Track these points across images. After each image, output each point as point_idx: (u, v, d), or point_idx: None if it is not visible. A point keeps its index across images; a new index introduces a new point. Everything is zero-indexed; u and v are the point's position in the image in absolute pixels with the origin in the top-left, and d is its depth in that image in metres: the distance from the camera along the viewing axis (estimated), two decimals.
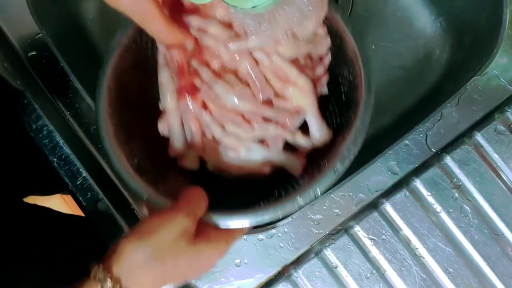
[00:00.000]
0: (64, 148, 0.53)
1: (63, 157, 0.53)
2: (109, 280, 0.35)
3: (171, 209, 0.39)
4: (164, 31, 0.39)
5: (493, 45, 0.53)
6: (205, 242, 0.39)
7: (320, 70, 0.46)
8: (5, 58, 0.54)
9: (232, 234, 0.42)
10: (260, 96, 0.43)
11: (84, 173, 0.53)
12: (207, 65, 0.44)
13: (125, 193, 0.53)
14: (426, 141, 0.52)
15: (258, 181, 0.46)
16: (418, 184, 0.51)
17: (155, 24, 0.39)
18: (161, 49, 0.45)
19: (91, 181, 0.53)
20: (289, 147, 0.46)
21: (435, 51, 0.65)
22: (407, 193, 0.51)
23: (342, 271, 0.50)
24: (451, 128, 0.52)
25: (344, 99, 0.47)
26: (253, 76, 0.43)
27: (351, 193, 0.51)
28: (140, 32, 0.44)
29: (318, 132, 0.45)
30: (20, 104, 0.54)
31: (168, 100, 0.44)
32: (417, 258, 0.51)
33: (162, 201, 0.42)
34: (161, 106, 0.45)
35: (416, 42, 0.65)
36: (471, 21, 0.61)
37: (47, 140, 0.53)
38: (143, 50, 0.47)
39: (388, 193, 0.52)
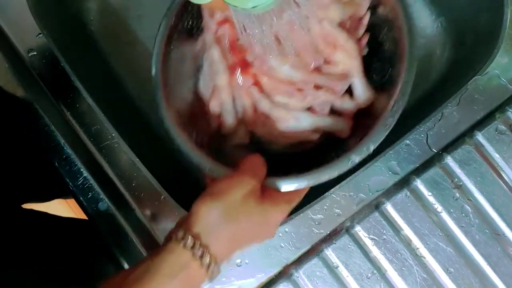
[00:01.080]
0: (65, 148, 0.53)
1: (64, 157, 0.53)
2: (190, 237, 0.37)
3: (237, 172, 0.41)
4: None
5: (494, 44, 0.53)
6: (270, 202, 0.41)
7: (361, 31, 0.46)
8: (6, 58, 0.54)
9: (293, 195, 0.43)
10: (312, 64, 0.44)
11: (85, 173, 0.53)
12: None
13: (126, 193, 0.53)
14: (427, 141, 0.52)
15: (308, 152, 0.47)
16: (419, 184, 0.51)
17: None
18: (212, 26, 0.45)
19: (92, 181, 0.53)
20: (332, 111, 0.47)
21: (436, 51, 0.65)
22: (408, 193, 0.51)
23: (343, 271, 0.50)
24: (452, 128, 0.52)
25: (385, 56, 0.48)
26: (304, 45, 0.43)
27: (352, 193, 0.51)
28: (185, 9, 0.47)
29: (364, 92, 0.46)
30: (21, 104, 0.54)
31: (221, 77, 0.45)
32: (418, 258, 0.51)
33: (222, 171, 0.44)
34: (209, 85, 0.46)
35: (416, 42, 0.65)
36: (471, 21, 0.61)
37: (48, 140, 0.53)
38: (185, 31, 0.49)
39: (389, 193, 0.51)
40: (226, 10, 0.43)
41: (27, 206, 0.69)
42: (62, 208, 1.10)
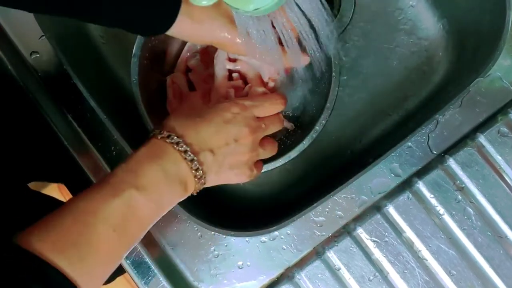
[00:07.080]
0: (68, 148, 0.53)
1: (66, 157, 0.53)
2: (165, 131, 0.42)
3: None
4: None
5: (496, 47, 0.53)
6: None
7: None
8: (8, 60, 0.54)
9: None
10: None
11: (87, 173, 0.53)
12: None
13: None
14: (428, 143, 0.52)
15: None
16: (421, 186, 0.51)
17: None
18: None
19: (93, 181, 0.53)
20: None
21: (438, 53, 0.65)
22: (410, 195, 0.51)
23: (345, 274, 0.50)
24: (454, 130, 0.52)
25: None
26: None
27: (353, 195, 0.51)
28: None
29: None
30: (23, 105, 0.54)
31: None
32: (420, 260, 0.51)
33: None
34: None
35: (418, 44, 0.65)
36: (474, 23, 0.60)
37: (51, 141, 0.53)
38: None
39: (391, 195, 0.51)
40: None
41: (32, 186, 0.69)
42: (55, 194, 1.09)
